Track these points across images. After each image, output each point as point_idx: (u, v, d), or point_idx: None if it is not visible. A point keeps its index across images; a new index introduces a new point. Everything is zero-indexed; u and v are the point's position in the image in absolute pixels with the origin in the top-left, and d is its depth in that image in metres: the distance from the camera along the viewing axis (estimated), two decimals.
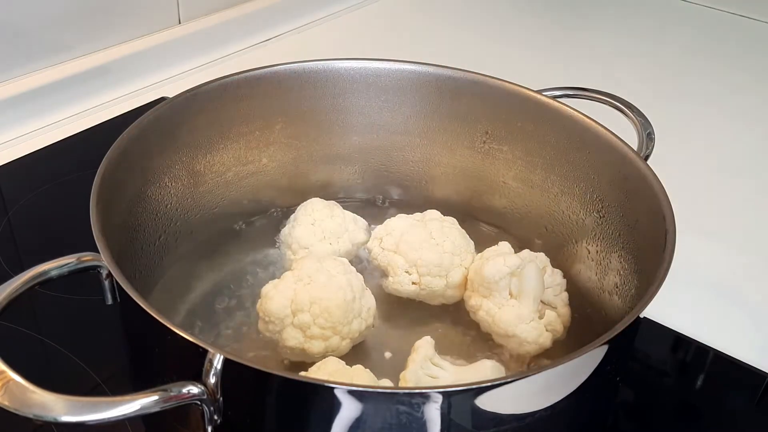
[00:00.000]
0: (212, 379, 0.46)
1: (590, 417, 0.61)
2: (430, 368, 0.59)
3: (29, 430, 0.59)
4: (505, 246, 0.68)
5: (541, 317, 0.64)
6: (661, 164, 0.66)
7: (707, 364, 0.71)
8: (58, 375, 0.64)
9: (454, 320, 0.69)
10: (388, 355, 0.66)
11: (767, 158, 1.01)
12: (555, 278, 0.67)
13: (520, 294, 0.64)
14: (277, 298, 0.61)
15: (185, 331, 0.47)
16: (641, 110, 0.74)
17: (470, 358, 0.65)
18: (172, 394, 0.45)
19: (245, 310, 0.68)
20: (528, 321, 0.63)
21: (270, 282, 0.64)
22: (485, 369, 0.58)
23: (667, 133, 0.77)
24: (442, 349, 0.61)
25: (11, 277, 0.50)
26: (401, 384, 0.58)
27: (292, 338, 0.61)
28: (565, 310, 0.66)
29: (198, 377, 0.47)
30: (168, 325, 0.47)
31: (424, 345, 0.60)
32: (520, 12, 1.38)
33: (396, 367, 0.60)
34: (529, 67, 1.13)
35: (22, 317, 0.68)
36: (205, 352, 0.46)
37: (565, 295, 0.67)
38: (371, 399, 0.47)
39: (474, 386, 0.47)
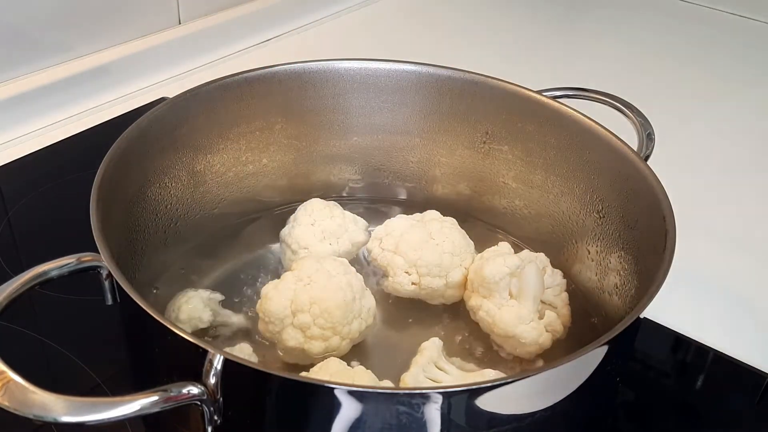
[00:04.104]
0: (212, 380, 0.46)
1: (590, 417, 0.61)
2: (432, 371, 0.59)
3: (30, 430, 0.59)
4: (504, 246, 0.68)
5: (541, 317, 0.64)
6: (661, 164, 0.66)
7: (707, 364, 0.71)
8: (58, 375, 0.64)
9: (453, 320, 0.69)
10: (388, 355, 0.66)
11: (767, 158, 1.00)
12: (555, 278, 0.67)
13: (520, 294, 0.64)
14: (277, 298, 0.61)
15: (185, 332, 0.47)
16: (641, 110, 0.74)
17: (471, 358, 0.65)
18: (171, 394, 0.45)
19: (245, 310, 0.68)
20: (528, 321, 0.63)
21: (270, 282, 0.64)
22: (490, 376, 0.58)
23: (668, 133, 0.77)
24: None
25: (11, 277, 0.50)
26: (401, 386, 0.58)
27: (292, 338, 0.61)
28: (565, 311, 0.66)
29: (198, 377, 0.46)
30: (168, 326, 0.47)
31: (430, 347, 0.60)
32: (521, 12, 1.38)
33: (397, 368, 0.60)
34: (530, 67, 1.13)
35: (23, 317, 0.68)
36: (205, 352, 0.46)
37: (565, 295, 0.67)
38: (371, 399, 0.47)
39: (473, 387, 0.47)
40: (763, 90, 1.16)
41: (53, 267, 0.52)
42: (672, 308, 0.71)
